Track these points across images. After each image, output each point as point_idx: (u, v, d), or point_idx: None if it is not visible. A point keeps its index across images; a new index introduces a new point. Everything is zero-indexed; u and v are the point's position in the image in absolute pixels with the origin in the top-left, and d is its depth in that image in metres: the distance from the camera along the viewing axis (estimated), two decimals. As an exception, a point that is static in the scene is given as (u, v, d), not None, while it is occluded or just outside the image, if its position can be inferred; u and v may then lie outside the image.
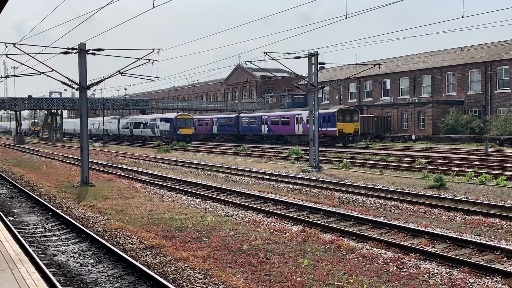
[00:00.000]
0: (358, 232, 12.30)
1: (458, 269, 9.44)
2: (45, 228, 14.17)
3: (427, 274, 9.19)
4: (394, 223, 13.26)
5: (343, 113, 49.35)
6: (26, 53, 22.69)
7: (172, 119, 57.70)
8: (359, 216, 14.21)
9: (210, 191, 20.27)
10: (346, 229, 12.79)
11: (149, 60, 23.32)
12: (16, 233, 12.41)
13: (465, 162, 28.99)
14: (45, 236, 13.09)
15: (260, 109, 77.46)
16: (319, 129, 49.53)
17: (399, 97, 65.02)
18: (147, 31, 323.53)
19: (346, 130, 48.42)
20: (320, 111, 51.33)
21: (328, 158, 33.06)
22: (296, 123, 53.14)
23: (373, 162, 30.14)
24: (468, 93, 57.39)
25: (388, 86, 67.18)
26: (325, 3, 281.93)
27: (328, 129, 48.63)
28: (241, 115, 63.92)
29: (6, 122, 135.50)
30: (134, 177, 25.16)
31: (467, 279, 8.85)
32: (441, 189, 18.90)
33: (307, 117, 51.31)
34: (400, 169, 26.01)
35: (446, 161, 29.96)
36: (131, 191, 20.23)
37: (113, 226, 13.48)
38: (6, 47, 22.33)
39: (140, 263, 9.87)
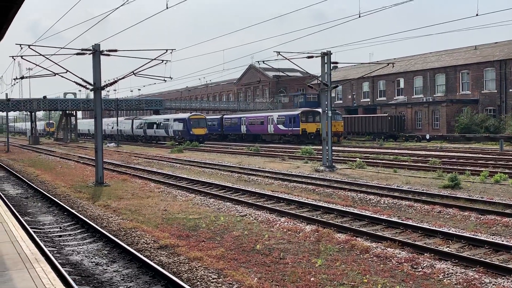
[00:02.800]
0: (372, 232, 12.24)
1: (474, 269, 9.37)
2: (60, 227, 14.29)
3: (442, 274, 9.14)
4: (408, 223, 13.18)
5: (306, 114, 54.42)
6: (41, 54, 22.94)
7: (185, 119, 57.89)
8: (373, 216, 14.15)
9: (224, 191, 20.30)
10: (360, 229, 12.73)
11: (163, 60, 23.44)
12: (32, 232, 12.53)
13: (480, 162, 28.73)
14: (60, 236, 13.20)
15: (273, 109, 77.40)
16: (286, 128, 55.79)
17: (413, 96, 64.61)
18: (160, 32, 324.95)
19: (308, 129, 53.52)
20: (286, 112, 57.41)
21: (342, 158, 32.95)
22: (269, 124, 58.21)
23: (387, 161, 29.98)
24: (482, 91, 56.86)
25: (402, 85, 66.79)
26: (339, 2, 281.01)
27: (294, 128, 54.14)
28: (224, 116, 68.71)
29: (22, 123, 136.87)
30: (148, 177, 25.29)
31: (483, 279, 8.78)
32: (456, 188, 18.75)
33: (278, 118, 57.02)
34: (415, 169, 25.84)
35: (461, 161, 29.72)
36: (145, 191, 20.34)
37: (127, 225, 13.57)
38: (21, 48, 22.55)
39: (154, 263, 9.92)
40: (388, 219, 13.66)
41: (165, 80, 26.43)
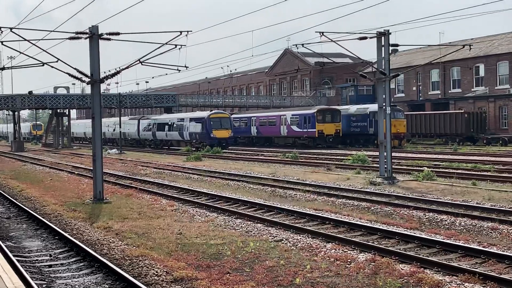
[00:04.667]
0: (444, 263, 12.13)
1: None
2: (50, 255, 14.52)
3: (537, 317, 8.97)
4: (491, 250, 13.03)
5: (323, 113, 58.07)
6: (25, 40, 23.36)
7: (204, 119, 58.20)
8: (446, 241, 14.03)
9: (253, 209, 20.37)
10: (428, 258, 12.63)
11: (176, 45, 23.64)
12: (15, 261, 12.75)
13: None
14: (50, 266, 13.41)
15: (315, 104, 77.34)
16: (300, 130, 58.14)
17: (496, 87, 63.78)
18: (174, 10, 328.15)
19: (326, 131, 56.86)
20: (300, 111, 59.84)
21: (404, 167, 32.73)
22: (281, 125, 61.86)
23: (463, 171, 29.65)
24: None
25: (482, 73, 65.97)
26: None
27: (309, 130, 57.57)
28: (233, 116, 70.48)
29: (2, 125, 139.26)
30: (159, 192, 25.54)
31: None
32: (554, 206, 18.42)
33: (291, 118, 58.96)
34: (499, 181, 25.50)
35: (560, 170, 29.18)
36: (155, 210, 20.55)
37: (133, 253, 13.71)
38: (1, 32, 23.01)
39: (167, 300, 10.00)
40: (466, 245, 13.51)
41: (179, 70, 26.67)
